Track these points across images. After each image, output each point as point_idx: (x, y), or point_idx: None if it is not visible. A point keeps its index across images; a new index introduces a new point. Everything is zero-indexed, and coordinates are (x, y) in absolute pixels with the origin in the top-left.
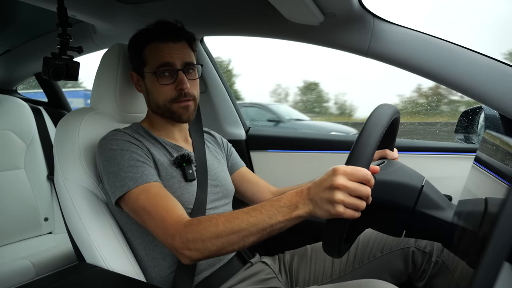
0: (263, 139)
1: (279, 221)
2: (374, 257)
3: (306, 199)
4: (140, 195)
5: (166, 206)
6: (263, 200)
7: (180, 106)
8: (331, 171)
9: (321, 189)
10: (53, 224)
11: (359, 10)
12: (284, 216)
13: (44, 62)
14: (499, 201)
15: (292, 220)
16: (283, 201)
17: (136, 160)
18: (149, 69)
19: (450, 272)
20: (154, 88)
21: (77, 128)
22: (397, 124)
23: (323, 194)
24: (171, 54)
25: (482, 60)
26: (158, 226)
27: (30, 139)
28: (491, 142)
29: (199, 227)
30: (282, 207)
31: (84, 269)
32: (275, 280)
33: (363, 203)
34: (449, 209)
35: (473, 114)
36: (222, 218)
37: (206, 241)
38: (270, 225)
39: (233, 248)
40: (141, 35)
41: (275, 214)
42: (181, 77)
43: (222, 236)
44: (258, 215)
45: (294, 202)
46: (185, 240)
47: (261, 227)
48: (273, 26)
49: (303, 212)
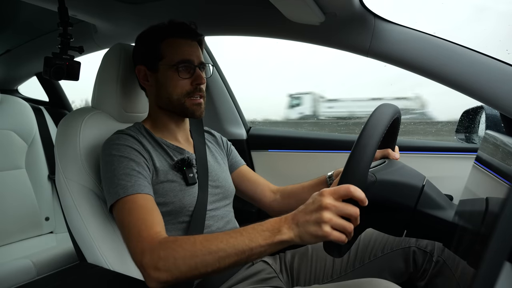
0: (264, 139)
1: (260, 244)
2: (375, 257)
3: (290, 224)
4: (126, 204)
5: (146, 220)
6: (264, 198)
7: (193, 102)
8: (317, 194)
9: (308, 212)
10: (54, 224)
11: (360, 10)
12: (265, 240)
13: (45, 62)
14: (500, 200)
15: (273, 245)
16: (266, 225)
17: (132, 169)
18: (167, 62)
19: (451, 272)
20: (171, 81)
21: (78, 128)
22: (398, 124)
23: (310, 216)
24: (190, 51)
25: (483, 60)
26: (131, 239)
27: (31, 138)
28: (492, 142)
29: (175, 244)
30: (265, 231)
31: (85, 268)
32: (276, 280)
33: (351, 226)
34: (450, 208)
35: (474, 114)
36: (200, 237)
37: (179, 259)
38: (250, 248)
39: (207, 270)
40: (157, 29)
41: (256, 237)
42: (199, 73)
43: (197, 255)
44: (238, 237)
45: (277, 226)
46: (156, 257)
47: (240, 249)
48: (274, 26)
49: (287, 237)
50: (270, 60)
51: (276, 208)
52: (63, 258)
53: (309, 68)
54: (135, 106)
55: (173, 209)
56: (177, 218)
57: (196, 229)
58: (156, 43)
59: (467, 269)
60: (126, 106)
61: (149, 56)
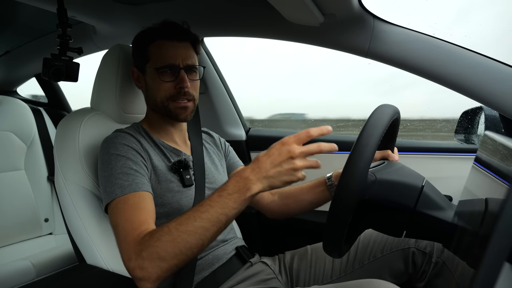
0: (264, 140)
1: (232, 207)
2: (374, 258)
3: (257, 178)
4: (118, 204)
5: (133, 221)
6: (262, 199)
7: (177, 106)
8: (279, 144)
9: (278, 163)
10: (53, 225)
11: (359, 11)
12: (235, 201)
13: (44, 63)
14: (499, 201)
15: (245, 202)
16: (230, 188)
17: (129, 168)
18: (152, 65)
19: (451, 273)
20: (155, 84)
21: (77, 129)
22: (397, 125)
23: (281, 168)
24: (175, 53)
25: (481, 61)
26: (120, 244)
27: (30, 140)
28: (491, 143)
29: (152, 240)
30: (231, 194)
31: (84, 270)
32: (275, 281)
33: (317, 161)
34: (450, 209)
35: (473, 115)
36: (173, 223)
37: (162, 252)
38: (225, 214)
39: (192, 251)
40: (147, 31)
41: (226, 203)
42: (182, 76)
43: (178, 242)
44: (209, 209)
45: (243, 185)
46: (140, 259)
47: (215, 219)
48: (273, 27)
49: (257, 190)
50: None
51: (274, 209)
52: (62, 259)
53: (302, 67)
54: (134, 107)
55: (170, 210)
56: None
57: None
58: (145, 45)
59: (467, 269)
60: (125, 107)
61: (138, 58)
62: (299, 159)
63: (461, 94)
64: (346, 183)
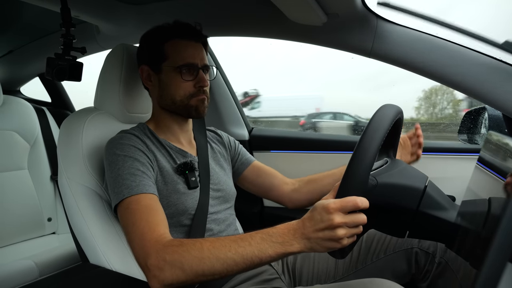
0: (266, 140)
1: (270, 256)
2: (377, 258)
3: (301, 238)
4: (130, 204)
5: (150, 221)
6: (283, 187)
7: (198, 99)
8: (323, 211)
9: (319, 229)
10: (56, 224)
11: (362, 11)
12: (276, 252)
13: (48, 63)
14: (503, 201)
15: (283, 256)
16: (275, 236)
17: (136, 169)
18: (170, 63)
19: (453, 273)
20: (174, 83)
21: (81, 129)
22: (401, 125)
23: (323, 234)
24: (194, 53)
25: (485, 61)
26: (135, 240)
27: (33, 139)
28: (494, 143)
29: (181, 248)
30: (274, 242)
31: (87, 269)
32: (278, 281)
33: (361, 229)
34: (453, 209)
35: (476, 115)
36: (207, 243)
37: (185, 265)
38: (260, 258)
39: (214, 276)
40: (162, 29)
41: (266, 249)
42: (202, 75)
43: (204, 262)
44: (247, 247)
45: (288, 239)
46: (162, 260)
47: (249, 258)
48: (276, 27)
49: (297, 249)
50: (251, 56)
51: (296, 198)
52: (65, 259)
53: (292, 63)
54: (138, 106)
55: (175, 211)
56: (178, 221)
57: (197, 233)
58: (160, 44)
59: (469, 270)
60: (128, 107)
61: (152, 57)
62: (342, 229)
63: (464, 94)
64: (346, 189)
